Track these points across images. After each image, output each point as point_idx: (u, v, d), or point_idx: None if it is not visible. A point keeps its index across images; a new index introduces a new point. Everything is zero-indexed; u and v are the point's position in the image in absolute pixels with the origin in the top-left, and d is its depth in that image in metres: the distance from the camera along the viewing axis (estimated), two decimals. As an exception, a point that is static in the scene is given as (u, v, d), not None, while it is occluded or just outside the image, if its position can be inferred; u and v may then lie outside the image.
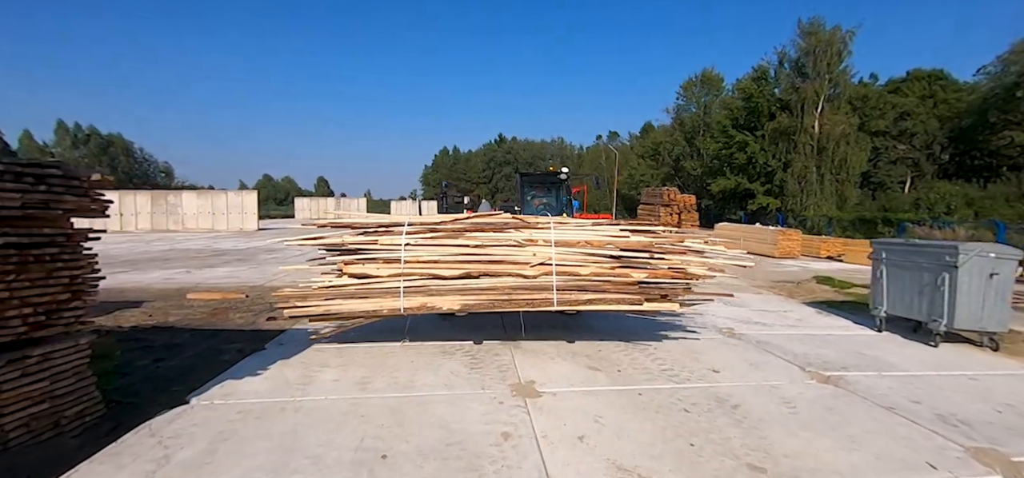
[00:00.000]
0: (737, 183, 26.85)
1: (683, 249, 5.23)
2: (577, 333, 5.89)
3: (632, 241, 5.01)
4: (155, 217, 28.87)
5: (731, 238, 19.59)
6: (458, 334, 5.80)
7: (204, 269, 11.57)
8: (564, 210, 10.52)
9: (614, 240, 5.00)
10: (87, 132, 56.00)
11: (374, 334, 5.68)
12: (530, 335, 5.75)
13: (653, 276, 4.87)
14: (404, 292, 4.80)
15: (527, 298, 4.73)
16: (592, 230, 5.18)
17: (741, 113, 27.45)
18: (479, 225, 5.20)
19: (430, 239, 5.06)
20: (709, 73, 38.33)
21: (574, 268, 4.85)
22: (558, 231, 5.02)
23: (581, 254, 4.93)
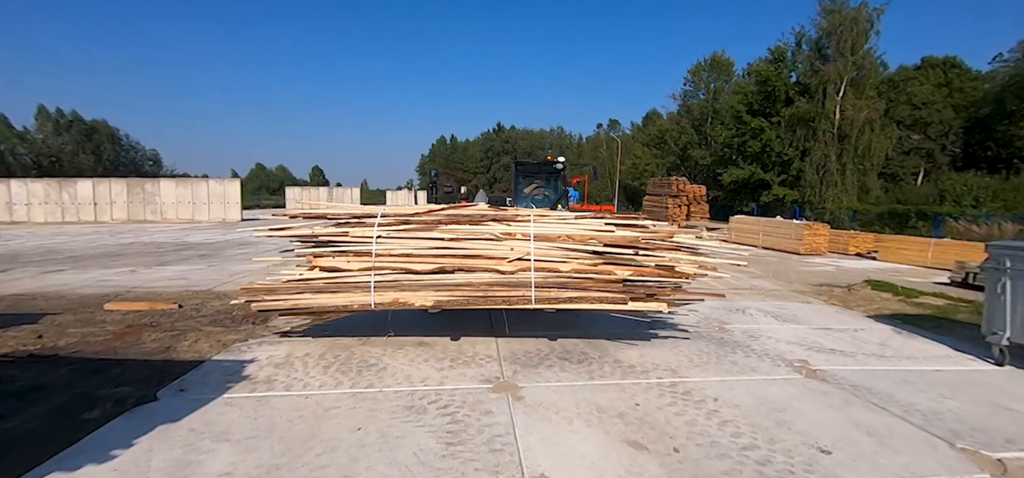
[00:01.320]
0: (751, 173, 25.22)
1: (673, 245, 4.85)
2: (596, 362, 4.36)
3: (617, 236, 4.59)
4: (131, 207, 27.21)
5: (749, 233, 18.05)
6: (436, 361, 4.31)
7: (154, 268, 9.98)
8: (560, 201, 9.25)
9: (597, 235, 4.60)
10: (70, 117, 53.93)
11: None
12: (530, 365, 4.24)
13: (639, 274, 4.52)
14: (375, 287, 4.55)
15: (504, 295, 4.44)
16: (574, 224, 4.79)
17: (755, 98, 25.73)
18: (455, 217, 4.87)
19: (403, 232, 4.77)
20: (719, 57, 36.56)
21: (554, 264, 4.54)
22: (538, 225, 4.68)
23: (562, 249, 4.61)
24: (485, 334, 5.37)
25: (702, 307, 6.83)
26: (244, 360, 4.41)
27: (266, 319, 5.75)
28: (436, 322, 5.36)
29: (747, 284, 9.27)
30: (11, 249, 13.48)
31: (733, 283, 9.26)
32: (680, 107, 39.24)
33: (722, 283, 9.32)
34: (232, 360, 4.42)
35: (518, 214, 4.92)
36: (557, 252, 4.61)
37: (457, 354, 4.61)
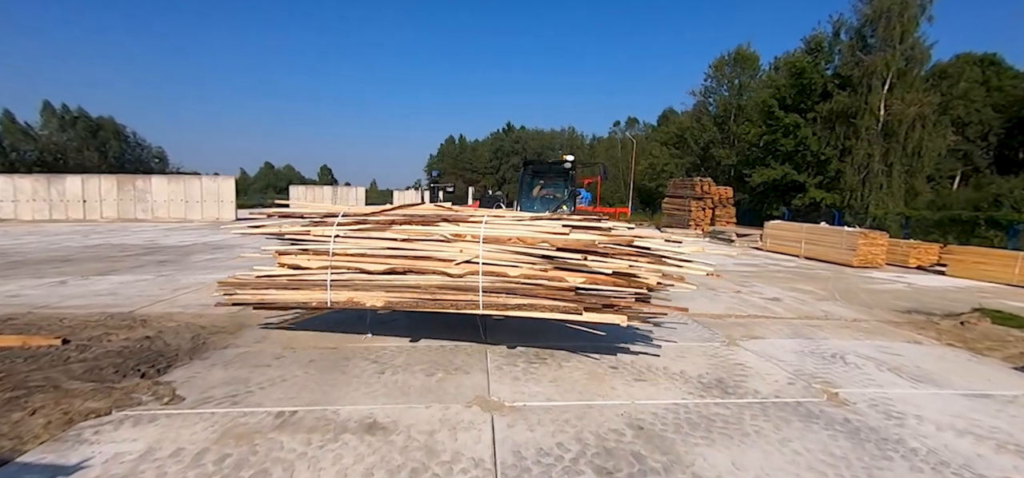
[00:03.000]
0: (783, 174, 23.03)
1: (631, 251, 4.28)
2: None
3: (570, 239, 4.16)
4: (122, 205, 25.89)
5: (788, 240, 15.97)
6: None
7: (93, 278, 8.32)
8: (567, 202, 8.24)
9: (549, 238, 4.23)
10: (75, 113, 53.36)
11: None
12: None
13: (593, 281, 4.17)
14: (331, 285, 4.53)
15: (452, 299, 4.28)
16: (527, 225, 4.48)
17: (789, 92, 23.52)
18: (409, 218, 4.77)
19: (359, 232, 4.74)
20: (743, 51, 34.27)
21: (503, 268, 4.27)
22: (488, 227, 4.41)
23: (511, 253, 4.33)
24: (477, 369, 3.53)
25: (784, 350, 4.93)
26: (68, 466, 2.63)
27: (160, 373, 3.98)
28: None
29: (817, 309, 7.32)
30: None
31: (798, 306, 7.31)
32: (700, 103, 37.02)
33: (784, 306, 7.40)
34: (49, 464, 2.64)
35: (472, 215, 4.71)
36: (506, 255, 4.34)
37: (429, 450, 2.78)
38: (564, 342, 5.02)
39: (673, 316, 6.23)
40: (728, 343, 5.23)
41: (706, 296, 7.99)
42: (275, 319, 5.63)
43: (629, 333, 5.40)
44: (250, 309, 5.57)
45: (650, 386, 3.90)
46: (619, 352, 4.80)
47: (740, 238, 19.22)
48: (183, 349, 4.62)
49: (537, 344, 4.93)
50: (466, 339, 5.02)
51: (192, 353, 4.49)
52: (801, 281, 10.18)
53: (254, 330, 5.27)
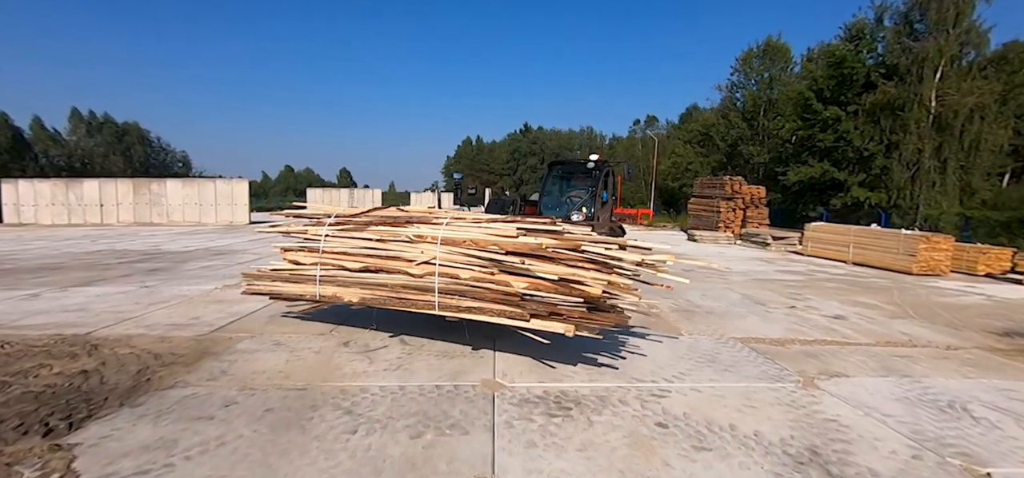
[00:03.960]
0: (822, 171, 21.34)
1: (576, 257, 4.10)
2: None
3: (518, 243, 4.08)
4: (138, 209, 25.83)
5: (833, 244, 14.49)
6: None
7: (71, 290, 7.63)
8: (588, 204, 7.73)
9: (499, 240, 4.21)
10: (101, 119, 54.58)
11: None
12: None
13: (536, 287, 4.00)
14: (320, 280, 4.91)
15: (413, 298, 4.45)
16: (482, 228, 4.47)
17: (827, 83, 21.78)
18: (383, 219, 5.04)
19: (343, 231, 5.11)
20: (773, 42, 32.45)
21: (456, 270, 4.34)
22: (447, 229, 4.53)
23: (464, 255, 4.37)
24: (479, 427, 2.51)
25: (883, 396, 3.77)
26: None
27: (71, 429, 3.08)
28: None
29: (895, 331, 6.07)
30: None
31: (870, 327, 6.05)
32: (727, 99, 35.28)
33: (853, 327, 6.16)
34: None
35: (436, 216, 4.85)
36: (460, 257, 4.39)
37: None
38: (590, 371, 3.96)
39: (725, 341, 5.11)
40: (804, 383, 4.08)
41: (756, 312, 6.80)
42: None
43: (673, 359, 4.31)
44: (223, 334, 4.99)
45: (718, 461, 2.81)
46: (662, 395, 3.71)
47: (776, 241, 17.74)
48: (119, 389, 3.73)
49: (556, 372, 3.89)
50: (471, 362, 4.01)
51: (127, 396, 3.59)
52: (860, 293, 8.85)
53: (218, 359, 4.37)
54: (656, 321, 6.14)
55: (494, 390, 3.76)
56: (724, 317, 6.45)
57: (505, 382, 3.93)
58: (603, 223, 8.17)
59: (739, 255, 15.09)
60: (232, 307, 6.47)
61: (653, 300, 7.39)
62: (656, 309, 6.81)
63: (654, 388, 3.86)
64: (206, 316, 5.97)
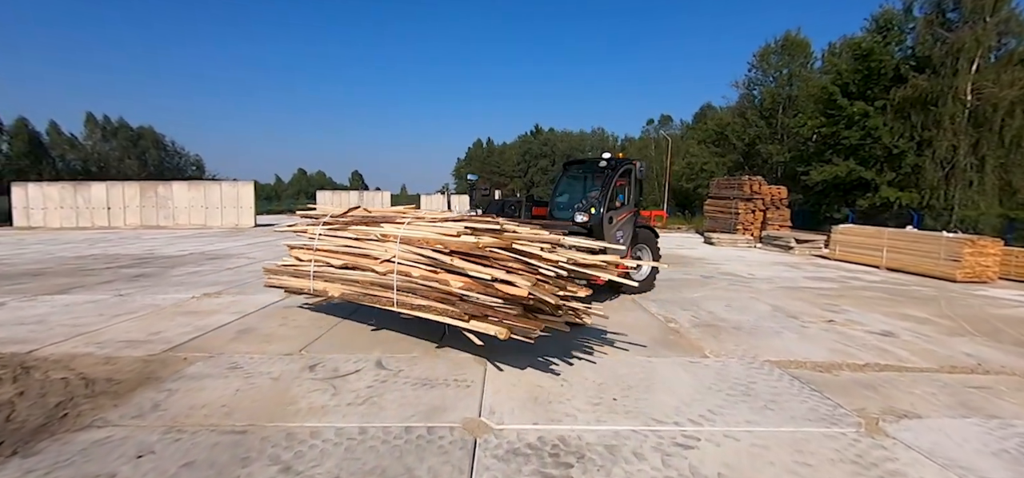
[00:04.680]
0: (847, 170, 20.14)
1: (507, 257, 4.00)
2: None
3: (459, 242, 4.05)
4: (144, 211, 25.67)
5: (864, 248, 13.45)
6: None
7: (41, 298, 7.11)
8: (596, 204, 6.95)
9: (444, 239, 4.20)
10: (116, 124, 55.25)
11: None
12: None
13: (468, 287, 3.96)
14: (313, 275, 5.27)
15: (379, 294, 4.63)
16: (436, 227, 4.48)
17: (853, 77, 20.58)
18: (362, 219, 5.35)
19: (332, 231, 5.44)
20: (793, 37, 31.15)
21: (409, 268, 4.44)
22: (407, 228, 4.63)
23: (414, 253, 4.47)
24: None
25: (974, 449, 2.97)
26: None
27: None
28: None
29: (957, 353, 5.16)
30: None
31: (926, 347, 5.14)
32: (743, 96, 34.06)
33: (907, 347, 5.27)
34: None
35: (402, 216, 5.02)
36: (412, 256, 4.47)
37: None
38: (597, 407, 3.19)
39: (760, 365, 4.28)
40: (867, 427, 3.26)
41: (790, 327, 5.94)
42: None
43: (699, 391, 3.51)
44: (178, 353, 4.53)
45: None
46: (688, 444, 2.92)
47: (800, 244, 16.70)
48: (24, 429, 3.08)
49: (555, 408, 3.13)
50: (454, 393, 3.27)
51: (28, 439, 2.94)
52: (904, 303, 7.91)
53: (158, 388, 3.71)
54: (676, 339, 5.34)
55: (476, 434, 3.02)
56: (754, 334, 5.62)
57: (491, 423, 3.19)
58: (618, 225, 7.38)
59: (761, 259, 14.13)
60: (202, 320, 5.84)
61: (672, 313, 6.58)
62: (675, 324, 6.00)
63: (677, 434, 3.08)
64: (169, 331, 5.34)
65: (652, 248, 8.38)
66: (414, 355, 4.56)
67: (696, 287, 8.79)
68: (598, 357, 4.60)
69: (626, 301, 7.34)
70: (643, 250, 8.30)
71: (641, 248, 8.22)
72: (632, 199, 7.87)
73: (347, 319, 5.90)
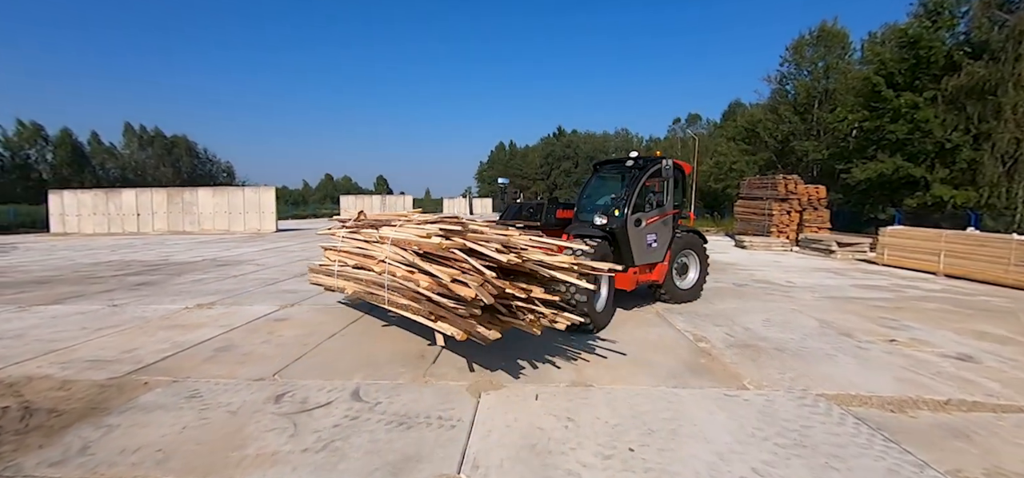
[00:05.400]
0: (895, 167, 18.53)
1: (461, 258, 4.00)
2: None
3: (428, 243, 4.13)
4: (171, 217, 26.24)
5: (918, 252, 12.16)
6: None
7: (32, 308, 6.88)
8: (621, 206, 6.26)
9: (420, 241, 4.29)
10: (152, 133, 57.40)
11: None
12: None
13: (430, 288, 4.01)
14: (336, 274, 5.79)
15: (376, 293, 4.95)
16: (418, 229, 4.56)
17: (899, 66, 18.96)
18: (371, 222, 5.81)
19: (350, 234, 6.01)
20: (829, 27, 29.34)
21: (394, 268, 4.65)
22: (397, 230, 4.81)
23: (400, 254, 4.64)
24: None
25: None
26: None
27: None
28: None
29: None
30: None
31: (1021, 376, 4.16)
32: (776, 91, 32.34)
33: (995, 376, 4.33)
34: None
35: (397, 219, 5.37)
36: (398, 257, 4.63)
37: None
38: (609, 462, 2.50)
39: (813, 401, 3.46)
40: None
41: (845, 349, 5.06)
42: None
43: (739, 439, 2.75)
44: (141, 376, 4.13)
45: None
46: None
47: (842, 248, 15.41)
48: (-76, 477, 2.60)
49: (556, 461, 2.45)
50: (435, 436, 2.63)
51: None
52: (976, 318, 6.84)
53: (98, 422, 3.23)
54: (707, 362, 4.56)
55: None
56: (801, 357, 4.78)
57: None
58: (648, 229, 6.67)
59: (800, 264, 13.01)
60: (184, 335, 5.42)
61: (701, 329, 5.77)
62: (705, 343, 5.21)
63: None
64: (144, 348, 4.92)
65: (699, 254, 7.66)
66: (399, 382, 3.96)
67: (728, 297, 7.91)
68: (614, 387, 3.90)
69: (649, 313, 6.57)
70: (689, 257, 7.59)
71: (687, 255, 7.53)
72: (670, 201, 7.13)
73: (347, 329, 5.37)
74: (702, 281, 7.71)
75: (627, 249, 6.44)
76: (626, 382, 4.01)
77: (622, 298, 6.87)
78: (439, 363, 4.43)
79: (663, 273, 7.09)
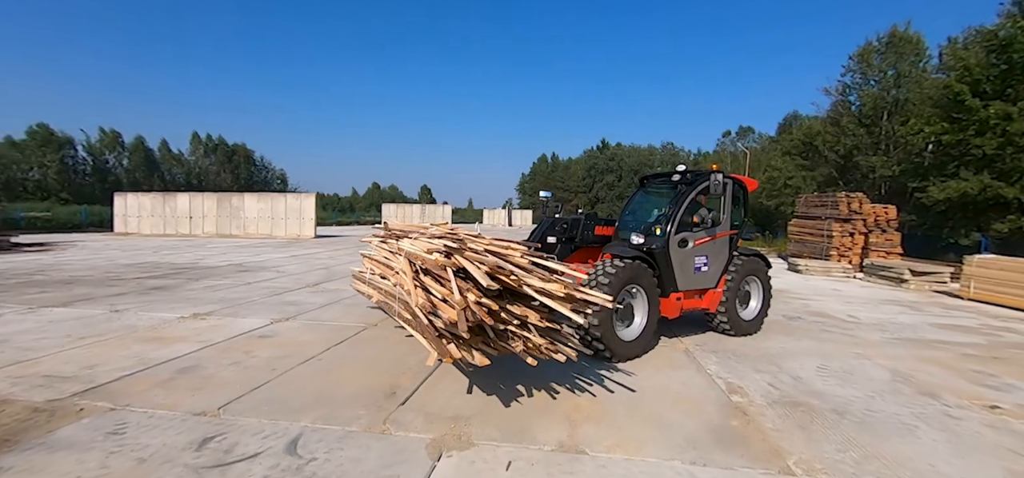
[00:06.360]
0: (981, 186, 16.10)
1: (446, 275, 3.69)
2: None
3: (428, 259, 3.98)
4: (220, 221, 27.43)
5: (1014, 286, 10.27)
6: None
7: (39, 310, 6.86)
8: (663, 224, 5.60)
9: (422, 256, 4.16)
10: (216, 142, 61.29)
11: None
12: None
13: (422, 306, 3.72)
14: (367, 281, 6.02)
15: (389, 305, 5.05)
16: (422, 243, 4.58)
17: (986, 73, 16.57)
18: (396, 233, 6.01)
19: (381, 244, 6.20)
20: (900, 33, 26.65)
21: (402, 280, 4.47)
22: (411, 243, 4.80)
23: (408, 266, 4.42)
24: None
25: None
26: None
27: None
28: None
29: None
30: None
31: None
32: (838, 102, 29.73)
33: None
34: None
35: (414, 231, 5.70)
36: (407, 270, 4.41)
37: None
38: None
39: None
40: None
41: (928, 417, 3.92)
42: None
43: None
44: (78, 401, 3.73)
45: None
46: None
47: (917, 277, 13.48)
48: None
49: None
50: None
51: None
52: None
53: (36, 442, 2.77)
54: (741, 428, 3.59)
55: None
56: (869, 426, 3.72)
57: None
58: (696, 251, 5.86)
59: (864, 295, 11.40)
60: (158, 349, 5.07)
61: (738, 376, 4.77)
62: (741, 396, 4.22)
63: None
64: (109, 364, 4.58)
65: (762, 281, 6.74)
66: (351, 430, 3.30)
67: (777, 333, 6.76)
68: (611, 458, 3.06)
69: (676, 351, 5.60)
70: (751, 284, 6.69)
71: (749, 281, 6.64)
72: (728, 220, 6.24)
73: (327, 353, 4.82)
74: (764, 312, 6.78)
75: (668, 272, 5.65)
76: (629, 451, 3.15)
77: (670, 324, 6.04)
78: (408, 405, 3.75)
79: (716, 301, 6.22)
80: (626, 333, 5.23)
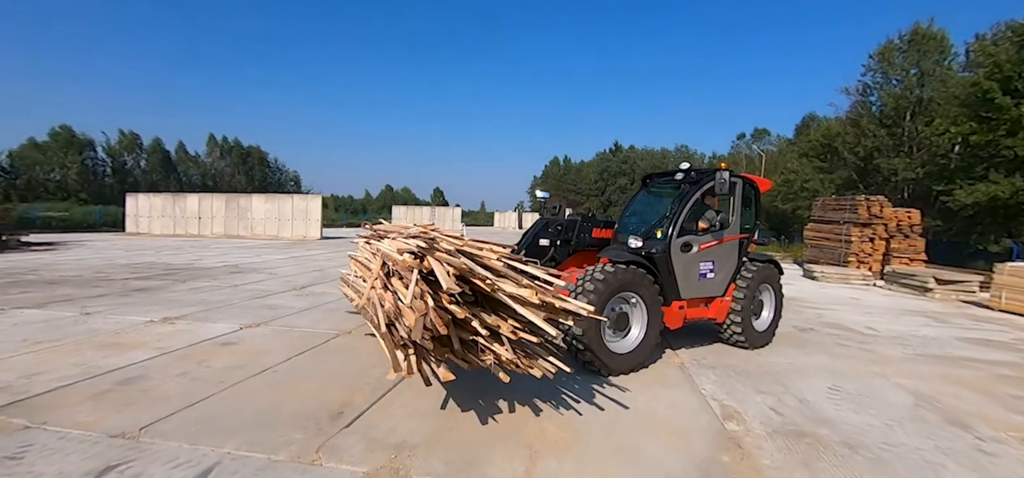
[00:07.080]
0: (1013, 190, 15.09)
1: (408, 277, 3.44)
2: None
3: (398, 261, 3.67)
4: (228, 221, 27.54)
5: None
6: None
7: (10, 312, 6.61)
8: (664, 225, 5.17)
9: (393, 257, 3.92)
10: (231, 144, 62.17)
11: None
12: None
13: (387, 312, 3.47)
14: (351, 283, 5.82)
15: (364, 306, 4.39)
16: (396, 243, 4.31)
17: (1018, 69, 15.60)
18: (378, 234, 5.83)
19: (365, 244, 5.87)
20: (923, 30, 25.52)
21: (375, 283, 4.17)
22: (388, 243, 4.59)
23: (379, 267, 4.31)
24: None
25: None
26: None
27: None
28: None
29: None
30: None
31: None
32: (858, 103, 28.63)
33: None
34: None
35: (390, 232, 5.50)
36: (380, 272, 4.28)
37: None
38: None
39: None
40: None
41: (957, 448, 3.37)
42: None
43: None
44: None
45: None
46: None
47: (942, 285, 12.63)
48: None
49: None
50: None
51: None
52: None
53: None
54: (732, 462, 3.09)
55: None
56: (885, 463, 3.18)
57: None
58: (701, 255, 5.39)
59: (885, 304, 10.67)
60: (111, 357, 4.76)
61: (736, 398, 4.24)
62: (736, 423, 3.70)
63: None
64: (52, 372, 4.27)
65: (774, 289, 6.26)
66: (277, 459, 2.90)
67: (786, 347, 6.19)
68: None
69: (670, 367, 5.09)
70: (765, 292, 6.20)
71: (763, 290, 6.16)
72: (737, 223, 5.73)
73: (285, 363, 4.44)
74: (776, 322, 6.29)
75: (670, 279, 5.17)
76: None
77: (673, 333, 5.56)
78: (353, 428, 3.34)
79: (723, 311, 5.73)
80: (621, 345, 4.76)
